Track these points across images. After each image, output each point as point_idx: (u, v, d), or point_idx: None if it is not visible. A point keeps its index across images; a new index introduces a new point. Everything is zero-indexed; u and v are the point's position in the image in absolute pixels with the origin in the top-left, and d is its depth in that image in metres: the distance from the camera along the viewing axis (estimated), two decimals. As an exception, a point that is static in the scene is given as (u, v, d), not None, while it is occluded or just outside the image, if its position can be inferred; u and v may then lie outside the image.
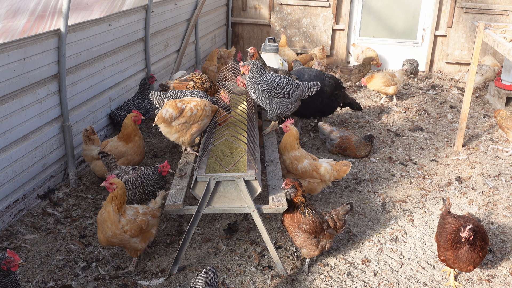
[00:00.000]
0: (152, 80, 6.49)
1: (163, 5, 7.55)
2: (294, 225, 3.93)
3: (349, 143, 6.25)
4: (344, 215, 4.16)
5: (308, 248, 4.00)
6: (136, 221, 3.89)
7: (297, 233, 3.94)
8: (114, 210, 3.82)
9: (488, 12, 9.87)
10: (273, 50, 7.76)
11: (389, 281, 4.03)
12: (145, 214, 4.00)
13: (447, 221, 3.93)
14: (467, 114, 6.45)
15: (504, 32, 6.06)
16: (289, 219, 3.96)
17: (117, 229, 3.80)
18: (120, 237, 3.82)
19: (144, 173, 4.50)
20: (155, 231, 4.12)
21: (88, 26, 5.57)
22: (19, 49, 4.44)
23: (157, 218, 4.13)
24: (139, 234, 3.93)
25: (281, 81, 5.06)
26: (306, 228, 3.90)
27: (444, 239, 3.85)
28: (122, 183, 3.89)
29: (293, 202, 3.93)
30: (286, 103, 5.08)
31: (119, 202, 3.86)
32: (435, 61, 10.56)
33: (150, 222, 4.01)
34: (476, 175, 5.88)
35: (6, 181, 4.46)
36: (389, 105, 8.37)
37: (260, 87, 4.99)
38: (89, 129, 5.24)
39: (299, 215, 3.92)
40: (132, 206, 4.04)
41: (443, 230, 3.91)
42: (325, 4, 10.36)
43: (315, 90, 5.18)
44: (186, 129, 4.50)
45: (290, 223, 3.95)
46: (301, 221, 3.90)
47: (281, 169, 4.66)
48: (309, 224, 3.90)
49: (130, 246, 3.94)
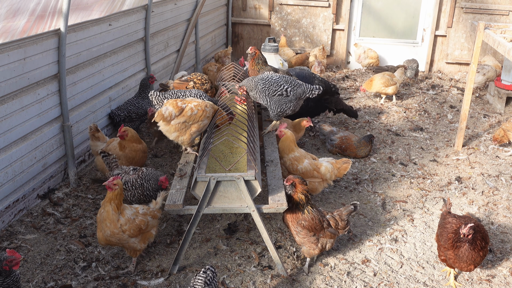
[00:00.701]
0: (152, 80, 6.49)
1: (163, 5, 7.55)
2: (294, 221, 3.97)
3: (349, 143, 6.25)
4: (347, 216, 4.16)
5: (307, 246, 4.00)
6: (135, 221, 3.89)
7: (296, 229, 3.97)
8: (113, 209, 3.83)
9: (488, 12, 9.88)
10: (273, 50, 7.76)
11: (389, 281, 4.03)
12: (144, 214, 4.00)
13: (448, 221, 3.94)
14: (467, 114, 6.45)
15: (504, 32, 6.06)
16: (289, 215, 4.01)
17: (115, 228, 3.81)
18: (118, 236, 3.82)
19: (145, 175, 4.53)
20: (155, 232, 4.12)
21: (88, 26, 5.57)
22: (19, 49, 4.44)
23: (157, 219, 4.12)
24: (138, 234, 3.93)
25: (278, 79, 5.09)
26: (305, 225, 3.93)
27: (444, 238, 3.85)
28: (121, 183, 3.90)
29: (293, 199, 3.97)
30: (285, 101, 5.09)
31: (118, 201, 3.86)
32: (435, 61, 10.56)
33: (149, 222, 4.00)
34: (476, 175, 5.88)
35: (6, 181, 4.46)
36: (389, 105, 8.37)
37: (259, 86, 5.05)
38: (92, 127, 5.31)
39: (299, 212, 3.96)
40: (132, 206, 4.04)
41: (443, 230, 3.92)
42: (325, 4, 10.36)
43: (317, 93, 5.17)
44: (185, 128, 4.49)
45: (290, 218, 4.00)
46: (301, 217, 3.94)
47: (281, 169, 4.67)
48: (308, 221, 3.93)
49: (129, 246, 3.94)
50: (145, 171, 4.58)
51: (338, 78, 10.03)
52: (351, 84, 9.66)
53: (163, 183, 4.54)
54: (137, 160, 5.24)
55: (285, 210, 3.98)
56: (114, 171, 4.65)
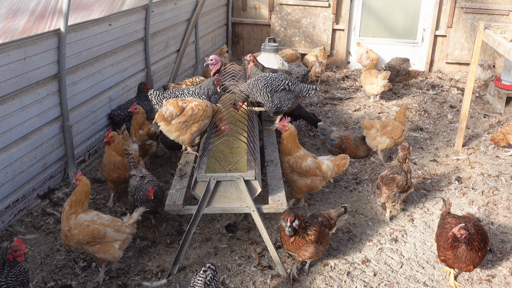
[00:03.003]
0: (146, 87, 6.39)
1: (163, 5, 7.55)
2: (301, 247, 3.82)
3: (348, 143, 6.25)
4: (336, 217, 4.14)
5: (316, 256, 3.95)
6: (88, 228, 3.68)
7: (306, 249, 3.83)
8: (68, 206, 3.73)
9: (488, 12, 9.88)
10: (273, 50, 7.75)
11: (389, 281, 4.03)
12: (104, 225, 3.75)
13: (447, 221, 3.94)
14: (467, 114, 6.45)
15: (504, 32, 6.06)
16: (292, 245, 3.83)
17: (65, 227, 3.70)
18: (67, 238, 3.70)
19: (139, 185, 4.37)
20: (118, 246, 3.81)
21: (88, 26, 5.57)
22: (19, 49, 4.44)
23: (124, 233, 3.84)
24: (91, 242, 3.71)
25: (279, 75, 5.34)
26: (313, 239, 3.81)
27: (444, 239, 3.85)
28: (87, 183, 3.81)
29: (298, 232, 3.80)
30: (288, 96, 5.29)
31: (75, 198, 3.73)
32: (435, 61, 10.56)
33: (108, 234, 3.74)
34: (476, 175, 5.88)
35: (6, 181, 4.46)
36: (389, 105, 8.37)
37: (260, 83, 5.19)
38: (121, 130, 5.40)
39: (302, 239, 3.80)
40: (98, 213, 3.85)
41: (443, 230, 3.92)
42: (325, 4, 10.36)
43: (313, 93, 5.48)
44: (186, 128, 4.49)
45: (294, 247, 3.84)
46: (306, 240, 3.80)
47: (282, 168, 4.66)
48: (315, 235, 3.82)
49: (89, 253, 3.80)
50: (141, 182, 4.38)
51: (338, 78, 10.03)
52: (351, 84, 9.66)
53: (149, 193, 4.23)
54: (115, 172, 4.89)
55: (284, 241, 3.86)
56: (131, 171, 4.65)
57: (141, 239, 4.49)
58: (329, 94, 8.98)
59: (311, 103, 8.42)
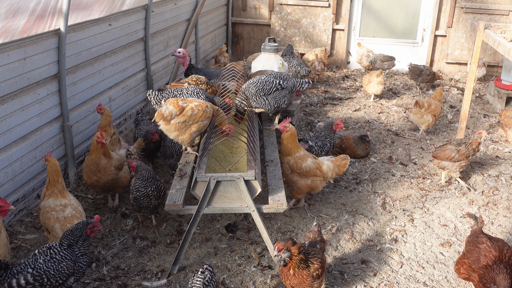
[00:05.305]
0: (154, 137, 5.48)
1: (163, 5, 7.55)
2: (306, 281, 3.45)
3: (348, 143, 6.25)
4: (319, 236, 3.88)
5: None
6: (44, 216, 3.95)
7: (313, 285, 3.49)
8: (45, 188, 4.07)
9: (488, 12, 9.88)
10: (273, 50, 7.75)
11: (389, 281, 4.03)
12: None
13: (481, 241, 3.64)
14: (467, 114, 6.46)
15: (504, 32, 6.07)
16: (296, 280, 3.45)
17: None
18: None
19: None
20: None
21: (88, 26, 5.57)
22: (19, 49, 4.44)
23: None
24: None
25: (266, 77, 5.33)
26: (321, 272, 3.49)
27: (474, 259, 3.59)
28: (55, 163, 4.04)
29: (291, 264, 3.43)
30: (283, 95, 5.30)
31: (48, 180, 4.02)
32: (435, 61, 10.56)
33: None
34: (476, 175, 5.88)
35: (6, 181, 4.46)
36: (389, 105, 8.38)
37: (251, 90, 5.22)
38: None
39: (304, 270, 3.43)
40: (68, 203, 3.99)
41: (475, 249, 3.63)
42: (325, 4, 10.36)
43: (306, 86, 5.50)
44: (185, 128, 4.49)
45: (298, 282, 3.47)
46: (311, 272, 3.44)
47: (282, 169, 4.66)
48: (321, 267, 3.49)
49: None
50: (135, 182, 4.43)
51: (338, 78, 10.03)
52: (351, 84, 9.66)
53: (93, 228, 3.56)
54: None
55: (286, 278, 3.50)
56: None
57: (141, 239, 4.50)
58: (329, 94, 8.99)
59: (311, 103, 8.42)
